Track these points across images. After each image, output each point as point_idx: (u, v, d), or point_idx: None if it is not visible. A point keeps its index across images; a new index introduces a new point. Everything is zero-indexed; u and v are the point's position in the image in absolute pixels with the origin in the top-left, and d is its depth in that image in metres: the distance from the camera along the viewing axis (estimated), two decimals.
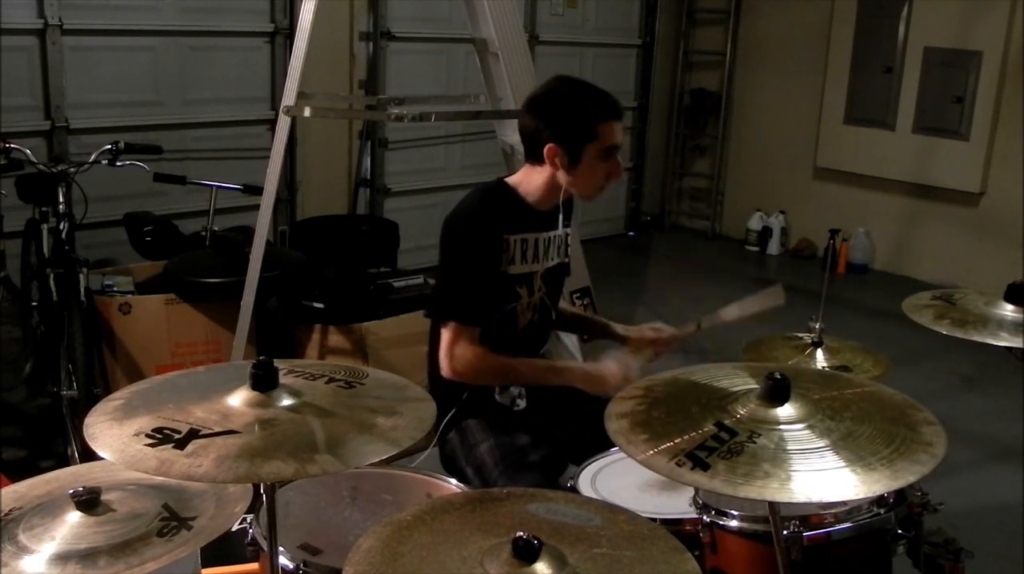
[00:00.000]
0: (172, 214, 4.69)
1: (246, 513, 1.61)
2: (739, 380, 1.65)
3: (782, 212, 7.31)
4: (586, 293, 3.69)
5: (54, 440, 3.58)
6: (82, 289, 3.50)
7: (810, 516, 1.80)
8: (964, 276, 6.08)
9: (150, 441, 1.39)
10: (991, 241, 6.23)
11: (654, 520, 1.62)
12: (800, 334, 2.45)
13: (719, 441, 1.44)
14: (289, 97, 3.36)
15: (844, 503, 1.80)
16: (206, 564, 1.76)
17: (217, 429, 1.41)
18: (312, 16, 3.33)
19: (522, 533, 1.32)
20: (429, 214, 6.07)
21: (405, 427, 1.49)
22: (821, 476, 1.37)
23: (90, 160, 3.81)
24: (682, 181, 8.08)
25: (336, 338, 3.93)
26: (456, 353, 2.20)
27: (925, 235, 6.66)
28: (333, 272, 4.22)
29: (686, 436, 1.46)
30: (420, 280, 4.29)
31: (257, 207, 3.62)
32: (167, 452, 1.36)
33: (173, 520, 1.47)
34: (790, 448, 1.43)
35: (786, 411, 1.50)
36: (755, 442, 1.43)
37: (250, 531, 1.81)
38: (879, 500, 1.86)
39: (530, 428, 2.33)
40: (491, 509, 1.53)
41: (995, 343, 2.03)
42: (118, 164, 3.88)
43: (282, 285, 3.97)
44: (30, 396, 3.99)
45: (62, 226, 3.65)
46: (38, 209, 3.76)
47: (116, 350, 3.74)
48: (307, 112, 3.43)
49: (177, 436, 1.39)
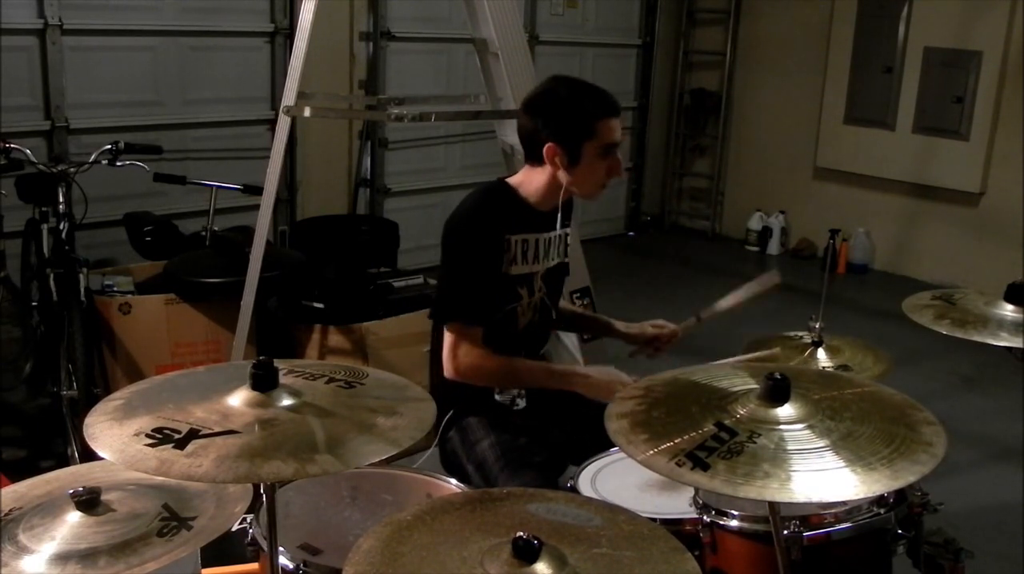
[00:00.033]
0: (172, 214, 4.69)
1: (246, 513, 1.61)
2: (739, 380, 1.65)
3: (782, 212, 7.31)
4: (586, 293, 3.68)
5: (54, 440, 3.58)
6: (82, 289, 3.51)
7: (810, 516, 1.80)
8: (964, 276, 6.08)
9: (150, 441, 1.39)
10: (991, 241, 6.23)
11: (654, 520, 1.62)
12: (800, 334, 2.45)
13: (719, 441, 1.44)
14: (289, 97, 3.36)
15: (844, 503, 1.80)
16: (206, 564, 1.76)
17: (217, 429, 1.41)
18: (312, 16, 3.33)
19: (522, 533, 1.32)
20: (429, 214, 6.08)
21: (405, 427, 1.49)
22: (821, 476, 1.37)
23: (90, 160, 3.81)
24: (682, 181, 8.08)
25: (336, 338, 3.93)
26: (459, 354, 2.20)
27: (925, 235, 6.67)
28: (333, 272, 4.22)
29: (686, 436, 1.46)
30: (420, 280, 4.29)
31: (257, 207, 3.62)
32: (167, 452, 1.36)
33: (173, 520, 1.47)
34: (790, 448, 1.43)
35: (786, 411, 1.50)
36: (755, 442, 1.43)
37: (250, 531, 1.81)
38: (879, 500, 1.86)
39: (530, 427, 2.33)
40: (491, 509, 1.53)
41: (995, 343, 2.03)
42: (118, 164, 3.88)
43: (282, 285, 3.97)
44: (30, 396, 3.99)
45: (62, 226, 3.65)
46: (38, 209, 3.76)
47: (116, 350, 3.74)
48: (307, 112, 3.43)
49: (177, 436, 1.39)
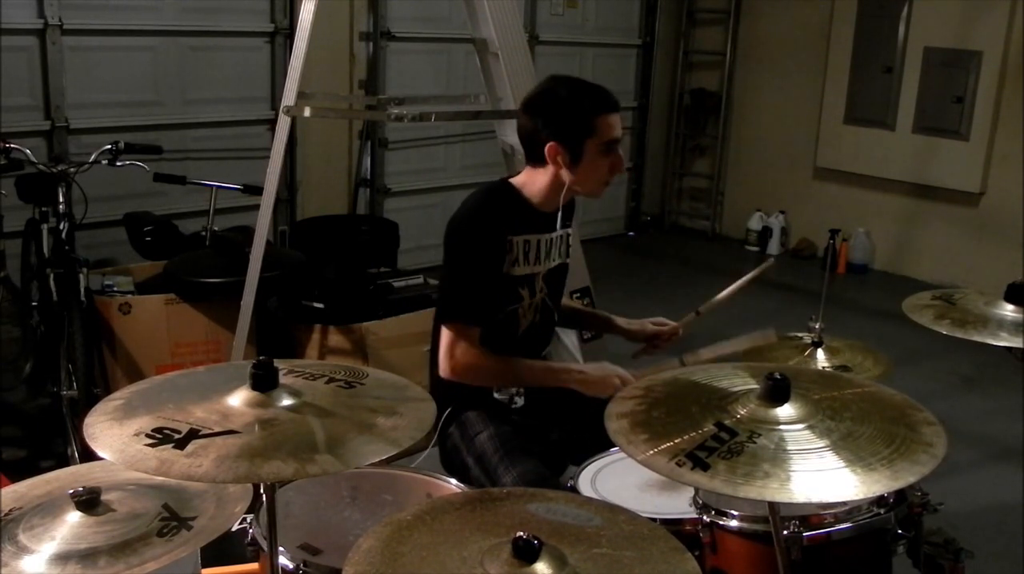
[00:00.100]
0: (172, 214, 4.69)
1: (246, 513, 1.61)
2: (739, 380, 1.65)
3: (782, 212, 7.31)
4: (586, 293, 3.68)
5: (54, 440, 3.58)
6: (82, 289, 3.50)
7: (810, 516, 1.80)
8: (964, 276, 6.09)
9: (150, 441, 1.39)
10: (991, 241, 6.23)
11: (654, 520, 1.62)
12: (800, 334, 2.45)
13: (719, 441, 1.44)
14: (289, 97, 3.36)
15: (844, 503, 1.80)
16: (206, 564, 1.76)
17: (217, 429, 1.41)
18: (312, 16, 3.33)
19: (522, 533, 1.32)
20: (429, 214, 6.08)
21: (405, 427, 1.49)
22: (821, 476, 1.37)
23: (90, 160, 3.80)
24: (682, 181, 8.08)
25: (336, 338, 3.93)
26: (456, 353, 2.20)
27: (925, 235, 6.66)
28: (333, 272, 4.22)
29: (686, 436, 1.46)
30: (420, 280, 4.29)
31: (257, 207, 3.62)
32: (167, 452, 1.36)
33: (173, 520, 1.47)
34: (790, 448, 1.43)
35: (786, 411, 1.50)
36: (755, 442, 1.43)
37: (250, 531, 1.81)
38: (879, 500, 1.86)
39: (528, 426, 2.33)
40: (491, 509, 1.53)
41: (995, 343, 2.03)
42: (118, 164, 3.88)
43: (282, 285, 3.96)
44: (30, 396, 3.99)
45: (62, 226, 3.65)
46: (38, 209, 3.76)
47: (116, 350, 3.74)
48: (307, 112, 3.43)
49: (177, 436, 1.39)
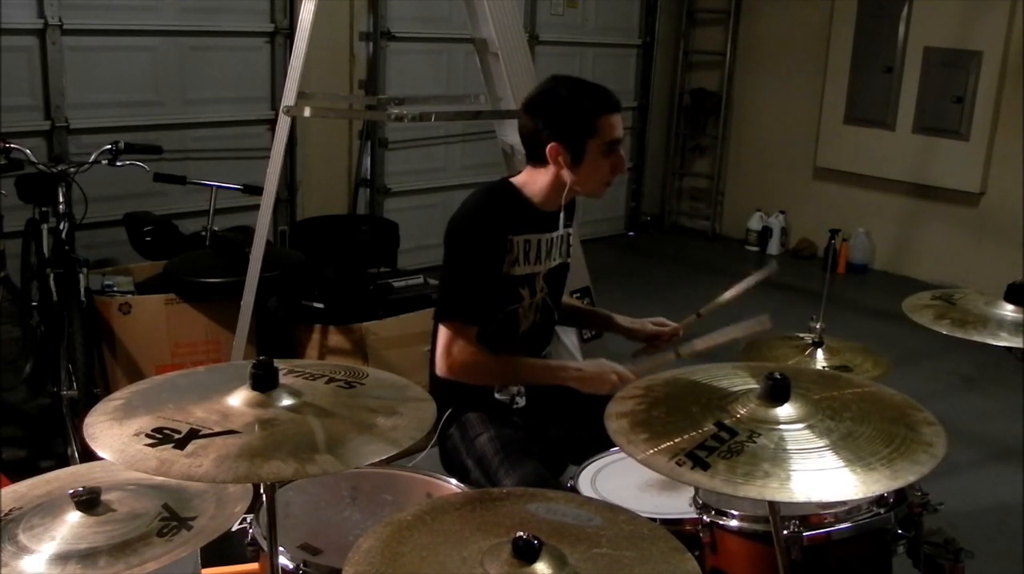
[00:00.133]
0: (172, 214, 4.69)
1: (246, 513, 1.61)
2: (739, 380, 1.65)
3: (782, 212, 7.31)
4: (586, 293, 3.68)
5: (54, 440, 3.58)
6: (82, 289, 3.50)
7: (810, 516, 1.80)
8: (964, 276, 6.08)
9: (150, 441, 1.39)
10: (991, 241, 6.23)
11: (654, 520, 1.62)
12: (800, 334, 2.45)
13: (719, 441, 1.44)
14: (289, 97, 3.36)
15: (844, 503, 1.80)
16: (206, 564, 1.76)
17: (217, 429, 1.41)
18: (312, 16, 3.33)
19: (522, 533, 1.32)
20: (429, 214, 6.08)
21: (405, 427, 1.49)
22: (821, 476, 1.37)
23: (90, 160, 3.80)
24: (682, 181, 8.08)
25: (336, 338, 3.93)
26: (453, 352, 2.20)
27: (925, 235, 6.66)
28: (333, 272, 4.22)
29: (686, 436, 1.46)
30: (420, 280, 4.29)
31: (257, 207, 3.62)
32: (167, 452, 1.36)
33: (173, 520, 1.47)
34: (790, 448, 1.43)
35: (786, 411, 1.50)
36: (755, 442, 1.43)
37: (250, 531, 1.81)
38: (879, 500, 1.86)
39: (529, 426, 2.33)
40: (491, 509, 1.53)
41: (995, 343, 2.03)
42: (118, 164, 3.88)
43: (282, 285, 3.96)
44: (30, 396, 3.99)
45: (62, 226, 3.65)
46: (38, 209, 3.76)
47: (116, 350, 3.74)
48: (307, 112, 3.43)
49: (177, 436, 1.39)
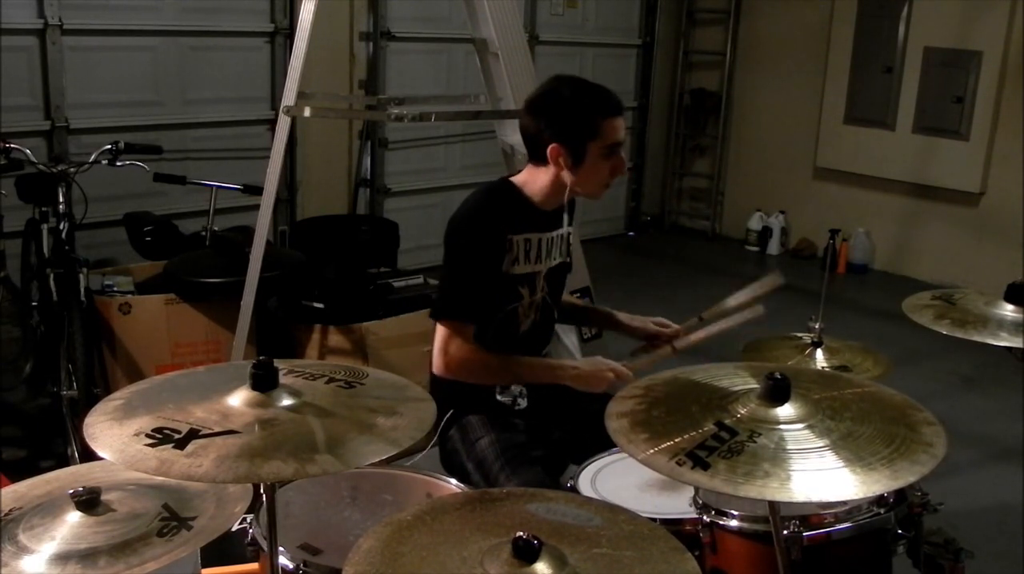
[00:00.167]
0: (172, 214, 4.69)
1: (246, 513, 1.60)
2: (739, 380, 1.65)
3: (782, 212, 7.31)
4: (586, 293, 3.68)
5: (54, 440, 3.58)
6: (82, 289, 3.50)
7: (810, 516, 1.80)
8: (964, 276, 6.08)
9: (150, 441, 1.39)
10: (991, 241, 6.23)
11: (654, 520, 1.62)
12: (800, 334, 2.45)
13: (719, 440, 1.44)
14: (289, 97, 3.36)
15: (844, 503, 1.80)
16: (206, 564, 1.76)
17: (217, 429, 1.41)
18: (312, 16, 3.33)
19: (522, 533, 1.32)
20: (429, 214, 6.08)
21: (405, 427, 1.49)
22: (821, 476, 1.37)
23: (90, 160, 3.81)
24: (682, 181, 8.08)
25: (336, 338, 3.93)
26: (450, 350, 2.20)
27: (925, 235, 6.67)
28: (333, 272, 4.22)
29: (686, 435, 1.46)
30: (420, 280, 4.29)
31: (257, 207, 3.62)
32: (167, 452, 1.36)
33: (173, 520, 1.47)
34: (790, 448, 1.42)
35: (786, 411, 1.50)
36: (755, 442, 1.43)
37: (250, 531, 1.81)
38: (879, 500, 1.86)
39: (531, 427, 2.33)
40: (491, 509, 1.53)
41: (995, 343, 2.03)
42: (118, 164, 3.88)
43: (282, 285, 3.96)
44: (30, 396, 3.99)
45: (62, 226, 3.65)
46: (38, 209, 3.76)
47: (116, 350, 3.74)
48: (307, 112, 3.43)
49: (177, 436, 1.39)
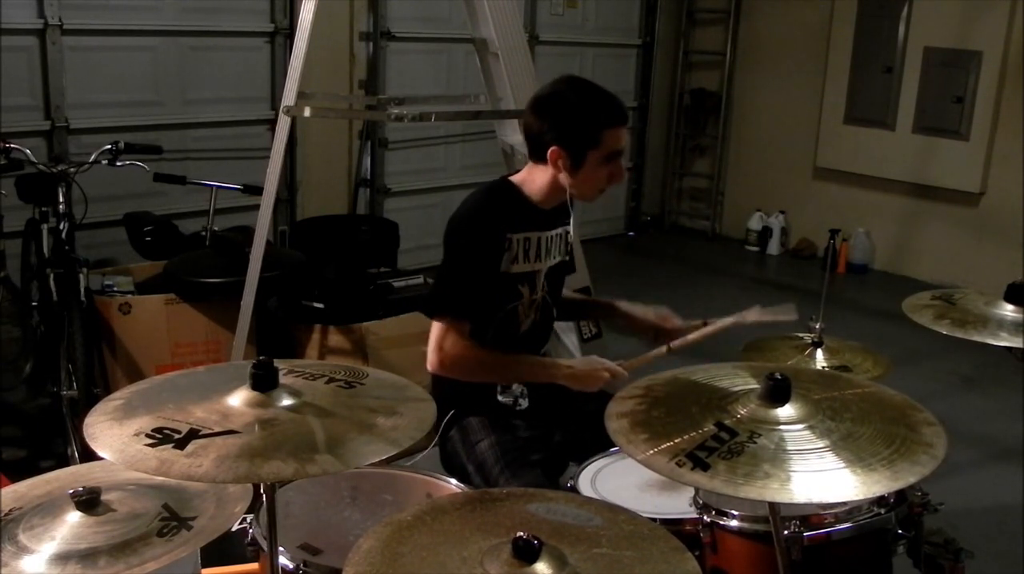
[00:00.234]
0: (172, 214, 4.69)
1: (246, 513, 1.60)
2: (739, 380, 1.65)
3: (782, 212, 7.31)
4: (586, 293, 3.68)
5: (54, 440, 3.58)
6: (82, 289, 3.50)
7: (810, 516, 1.80)
8: (964, 276, 6.08)
9: (150, 441, 1.39)
10: (991, 241, 6.23)
11: (654, 520, 1.62)
12: (800, 334, 2.45)
13: (719, 441, 1.44)
14: (289, 97, 3.36)
15: (844, 503, 1.80)
16: (206, 564, 1.76)
17: (217, 429, 1.41)
18: (312, 16, 3.33)
19: (522, 533, 1.32)
20: (429, 214, 6.08)
21: (405, 427, 1.48)
22: (821, 477, 1.37)
23: (90, 160, 3.80)
24: (682, 181, 8.08)
25: (336, 338, 3.93)
26: (445, 347, 2.20)
27: (925, 235, 6.66)
28: (333, 272, 4.22)
29: (686, 436, 1.46)
30: (420, 280, 4.29)
31: (257, 207, 3.62)
32: (167, 452, 1.36)
33: (173, 520, 1.47)
34: (790, 448, 1.42)
35: (786, 411, 1.50)
36: (755, 442, 1.43)
37: (250, 531, 1.81)
38: (879, 500, 1.86)
39: (531, 428, 2.33)
40: (491, 509, 1.53)
41: (995, 343, 2.03)
42: (118, 164, 3.88)
43: (282, 285, 3.96)
44: (30, 396, 3.99)
45: (62, 226, 3.65)
46: (38, 209, 3.76)
47: (116, 350, 3.74)
48: (307, 112, 3.44)
49: (177, 436, 1.39)
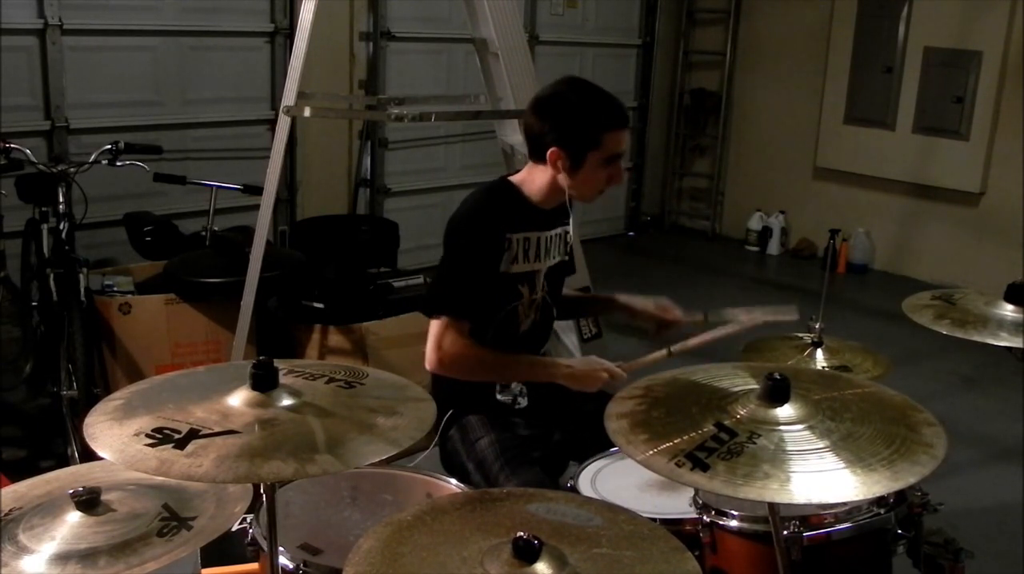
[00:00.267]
0: (172, 214, 4.69)
1: (246, 513, 1.60)
2: (739, 380, 1.65)
3: (782, 212, 7.31)
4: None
5: (54, 440, 3.58)
6: (82, 289, 3.50)
7: (810, 516, 1.80)
8: (964, 276, 6.08)
9: (150, 441, 1.39)
10: (991, 241, 6.23)
11: (654, 520, 1.62)
12: (800, 334, 2.45)
13: (719, 441, 1.44)
14: (289, 97, 3.36)
15: (844, 503, 1.80)
16: (206, 564, 1.76)
17: (217, 429, 1.41)
18: (312, 16, 3.33)
19: (522, 533, 1.32)
20: (429, 214, 6.08)
21: (405, 427, 1.49)
22: (821, 477, 1.37)
23: (90, 160, 3.81)
24: (682, 181, 8.08)
25: (336, 338, 3.93)
26: (443, 345, 2.20)
27: (925, 235, 6.66)
28: (333, 272, 4.22)
29: (686, 436, 1.46)
30: (420, 280, 4.29)
31: (257, 207, 3.62)
32: (167, 452, 1.36)
33: (173, 520, 1.47)
34: (790, 449, 1.42)
35: (786, 412, 1.50)
36: (755, 443, 1.43)
37: (250, 531, 1.81)
38: (879, 500, 1.86)
39: (530, 427, 2.33)
40: (491, 509, 1.53)
41: (995, 343, 2.03)
42: (118, 164, 3.88)
43: (282, 285, 3.96)
44: (30, 396, 4.00)
45: (62, 226, 3.65)
46: (38, 209, 3.76)
47: (116, 350, 3.74)
48: (307, 112, 3.44)
49: (177, 436, 1.39)
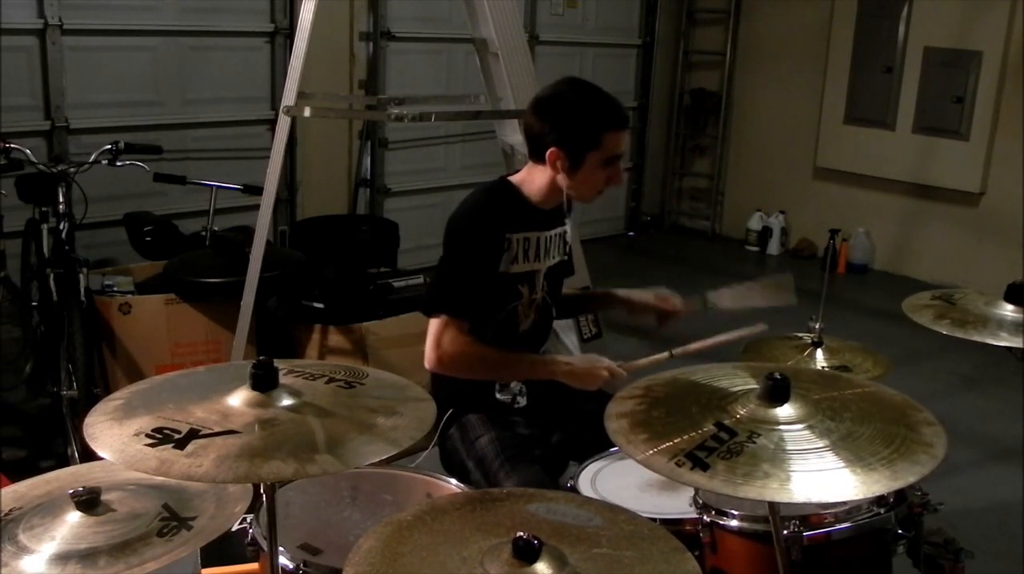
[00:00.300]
0: (172, 214, 4.69)
1: (246, 513, 1.61)
2: (739, 380, 1.65)
3: (782, 212, 7.31)
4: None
5: (54, 440, 3.58)
6: (82, 289, 3.51)
7: (810, 516, 1.80)
8: (964, 276, 6.08)
9: (150, 441, 1.39)
10: (991, 241, 6.23)
11: (654, 520, 1.62)
12: (800, 334, 2.45)
13: (719, 441, 1.44)
14: (289, 97, 3.36)
15: (844, 503, 1.80)
16: (206, 564, 1.76)
17: (217, 429, 1.41)
18: (312, 16, 3.33)
19: (522, 533, 1.32)
20: (429, 214, 6.08)
21: (405, 427, 1.49)
22: (821, 476, 1.37)
23: (90, 160, 3.81)
24: (682, 181, 8.08)
25: (336, 338, 3.93)
26: (442, 344, 2.20)
27: (925, 235, 6.67)
28: (333, 272, 4.22)
29: (686, 436, 1.46)
30: (420, 280, 4.29)
31: (257, 207, 3.62)
32: (167, 452, 1.36)
33: (173, 520, 1.47)
34: (790, 448, 1.43)
35: (786, 411, 1.50)
36: (755, 442, 1.43)
37: (250, 531, 1.81)
38: (879, 500, 1.86)
39: (530, 426, 2.34)
40: (491, 509, 1.53)
41: (995, 343, 2.03)
42: (118, 164, 3.88)
43: (282, 285, 3.96)
44: (30, 396, 3.99)
45: (62, 226, 3.65)
46: (38, 209, 3.76)
47: (116, 350, 3.74)
48: (307, 112, 3.44)
49: (177, 436, 1.40)
